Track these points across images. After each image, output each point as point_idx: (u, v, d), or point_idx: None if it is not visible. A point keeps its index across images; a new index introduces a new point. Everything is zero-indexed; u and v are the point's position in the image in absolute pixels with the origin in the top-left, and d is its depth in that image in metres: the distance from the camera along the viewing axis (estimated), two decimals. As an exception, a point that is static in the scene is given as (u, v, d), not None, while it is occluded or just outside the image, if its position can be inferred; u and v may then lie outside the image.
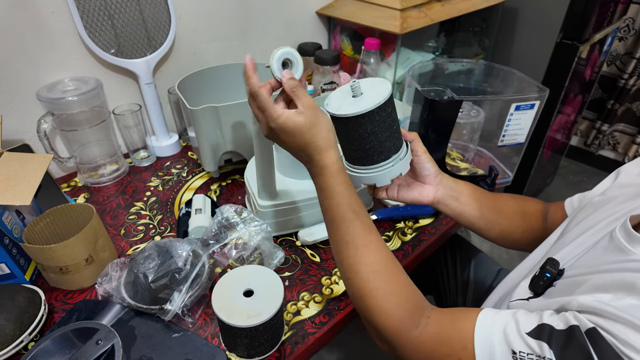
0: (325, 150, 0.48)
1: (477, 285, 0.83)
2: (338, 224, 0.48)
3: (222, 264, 0.66)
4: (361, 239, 0.47)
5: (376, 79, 0.54)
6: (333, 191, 0.48)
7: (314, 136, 0.48)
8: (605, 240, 0.38)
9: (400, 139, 0.55)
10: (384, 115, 0.50)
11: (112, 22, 0.83)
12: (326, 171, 0.48)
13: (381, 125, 0.50)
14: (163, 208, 0.82)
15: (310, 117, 0.48)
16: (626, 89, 1.91)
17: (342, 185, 0.48)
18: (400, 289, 0.46)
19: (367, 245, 0.47)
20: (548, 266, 0.41)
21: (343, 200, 0.48)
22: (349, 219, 0.48)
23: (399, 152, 0.54)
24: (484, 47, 1.45)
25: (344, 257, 0.48)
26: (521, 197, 0.66)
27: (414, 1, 1.08)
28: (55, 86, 0.80)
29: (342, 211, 0.48)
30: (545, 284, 0.40)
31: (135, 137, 0.92)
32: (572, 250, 0.43)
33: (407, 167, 0.55)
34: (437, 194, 0.59)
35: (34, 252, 0.60)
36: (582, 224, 0.46)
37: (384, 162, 0.53)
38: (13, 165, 0.62)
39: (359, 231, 0.47)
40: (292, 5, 1.15)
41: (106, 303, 0.61)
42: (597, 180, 0.52)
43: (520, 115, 0.79)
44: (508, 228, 0.63)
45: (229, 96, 0.92)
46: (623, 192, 0.46)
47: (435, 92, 0.80)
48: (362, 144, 0.52)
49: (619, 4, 1.49)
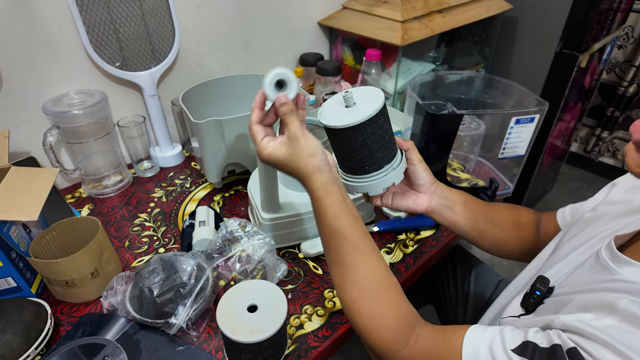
0: (309, 176, 0.49)
1: (478, 295, 0.84)
2: (329, 243, 0.50)
3: (225, 277, 0.67)
4: (349, 257, 0.48)
5: (370, 89, 0.54)
6: (322, 212, 0.49)
7: (296, 165, 0.50)
8: (592, 260, 0.39)
9: (394, 148, 0.55)
10: (375, 127, 0.50)
11: (117, 35, 0.84)
12: (313, 195, 0.50)
13: (372, 137, 0.51)
14: (167, 219, 0.83)
15: (292, 147, 0.50)
16: (625, 96, 1.92)
17: (330, 207, 0.49)
18: (390, 309, 0.46)
19: (355, 263, 0.48)
20: (538, 284, 0.42)
21: (332, 221, 0.49)
22: (338, 238, 0.49)
23: (392, 162, 0.54)
24: (484, 56, 1.47)
25: (334, 276, 0.49)
26: (515, 207, 0.67)
27: (414, 13, 1.09)
28: (61, 99, 0.81)
29: (332, 230, 0.49)
30: (535, 301, 0.41)
31: (139, 148, 0.93)
32: (562, 267, 0.44)
33: (400, 177, 0.56)
34: (431, 203, 0.60)
35: (41, 266, 0.61)
36: (573, 241, 0.47)
37: (376, 172, 0.54)
38: (20, 180, 0.63)
39: (346, 249, 0.48)
40: (294, 16, 1.16)
41: (111, 316, 0.62)
42: (596, 186, 0.54)
43: (520, 128, 0.80)
44: (502, 238, 0.63)
45: (232, 107, 0.93)
46: (611, 210, 0.47)
47: (436, 105, 0.81)
48: (353, 154, 0.53)
49: (618, 12, 1.50)
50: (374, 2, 1.14)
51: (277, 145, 0.51)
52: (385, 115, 0.52)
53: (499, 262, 1.70)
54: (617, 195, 0.49)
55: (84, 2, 0.78)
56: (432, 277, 0.93)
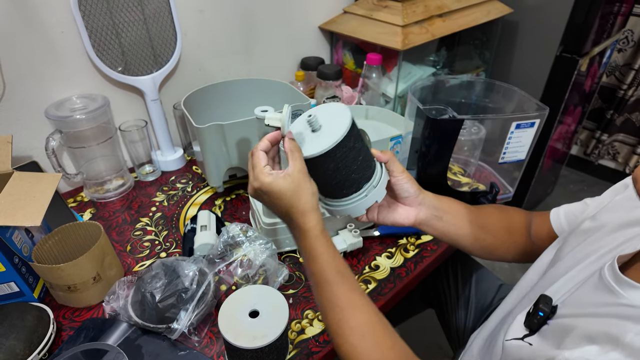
0: (307, 213, 0.48)
1: (479, 300, 0.84)
2: (322, 287, 0.48)
3: (227, 282, 0.67)
4: (346, 300, 0.47)
5: (336, 107, 0.51)
6: (316, 254, 0.48)
7: (297, 200, 0.48)
8: (595, 279, 0.38)
9: (371, 166, 0.52)
10: (345, 150, 0.48)
11: (119, 40, 0.84)
12: (308, 234, 0.48)
13: (344, 161, 0.49)
14: (168, 224, 0.83)
15: (296, 180, 0.48)
16: (625, 99, 1.93)
17: (324, 247, 0.48)
18: (385, 352, 0.45)
19: (352, 307, 0.47)
20: (541, 304, 0.41)
21: (326, 263, 0.48)
22: (333, 281, 0.48)
23: (372, 180, 0.52)
24: (485, 60, 1.47)
25: (330, 320, 0.48)
26: (505, 210, 0.66)
27: (415, 17, 1.10)
28: (63, 104, 0.82)
29: (326, 273, 0.48)
30: (539, 322, 0.41)
31: (140, 152, 0.93)
32: (564, 284, 0.43)
33: (382, 193, 0.54)
34: (419, 216, 0.58)
35: (43, 271, 0.61)
36: (574, 254, 0.46)
37: (355, 194, 0.52)
38: (23, 185, 0.63)
39: (342, 293, 0.47)
40: (295, 20, 1.16)
41: (113, 321, 0.62)
42: (597, 189, 0.52)
43: (520, 133, 0.80)
44: (493, 244, 0.62)
45: (233, 111, 0.94)
46: (612, 219, 0.46)
47: (437, 110, 0.82)
48: (328, 180, 0.51)
49: (618, 16, 1.51)
50: (375, 6, 1.14)
51: (280, 175, 0.48)
52: (356, 135, 0.50)
53: (500, 266, 1.70)
54: (618, 202, 0.48)
55: (86, 8, 0.78)
56: (433, 281, 0.93)
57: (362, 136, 0.51)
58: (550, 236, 0.60)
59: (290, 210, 0.49)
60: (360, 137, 0.51)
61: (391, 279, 0.71)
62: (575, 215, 0.57)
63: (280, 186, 0.48)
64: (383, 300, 0.68)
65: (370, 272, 0.73)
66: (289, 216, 0.50)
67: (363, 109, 1.14)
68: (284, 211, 0.50)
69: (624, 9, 1.52)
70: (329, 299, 0.48)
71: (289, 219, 0.50)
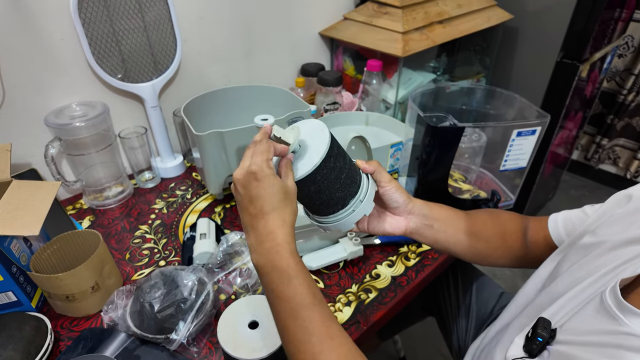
0: (286, 226, 0.44)
1: (480, 309, 0.83)
2: (297, 313, 0.42)
3: (226, 292, 0.66)
4: (325, 330, 0.42)
5: (312, 125, 0.50)
6: (291, 274, 0.43)
7: (284, 206, 0.44)
8: (596, 303, 0.37)
9: (356, 180, 0.51)
10: (326, 171, 0.47)
11: (119, 48, 0.84)
12: (283, 248, 0.43)
13: (326, 182, 0.48)
14: (167, 231, 0.82)
15: (290, 191, 0.46)
16: (625, 104, 1.93)
17: (300, 265, 0.44)
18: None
19: (331, 337, 0.42)
20: (539, 329, 0.40)
21: (303, 285, 0.43)
22: (310, 306, 0.42)
23: (358, 195, 0.51)
24: (485, 66, 1.47)
25: (304, 355, 0.41)
26: (498, 215, 0.64)
27: (415, 24, 1.10)
28: (63, 111, 0.81)
29: (303, 296, 0.42)
30: (538, 347, 0.40)
31: (140, 159, 0.93)
32: (563, 305, 0.42)
33: (370, 206, 0.52)
34: (409, 225, 0.57)
35: (41, 281, 0.60)
36: (573, 271, 0.45)
37: (342, 211, 0.51)
38: (22, 194, 0.63)
39: (321, 320, 0.42)
40: (295, 27, 1.16)
41: (112, 331, 0.61)
42: (598, 194, 0.51)
43: (521, 140, 0.80)
44: (486, 250, 0.61)
45: (233, 118, 0.94)
46: (612, 235, 0.45)
47: (437, 117, 0.81)
48: (312, 201, 0.50)
49: (618, 22, 1.51)
50: (375, 13, 1.14)
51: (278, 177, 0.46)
52: (336, 154, 0.48)
53: (501, 272, 1.69)
54: (620, 218, 0.47)
55: (87, 16, 0.78)
56: (433, 289, 0.92)
57: (343, 153, 0.50)
58: (547, 242, 0.59)
59: (272, 213, 0.44)
60: (342, 154, 0.50)
61: (392, 288, 0.71)
62: (574, 224, 0.56)
63: (276, 184, 0.44)
64: (384, 309, 0.67)
65: (371, 280, 0.72)
66: (265, 220, 0.44)
67: (363, 115, 1.14)
68: (265, 210, 0.44)
69: (624, 14, 1.52)
70: (305, 328, 0.42)
71: (264, 224, 0.44)
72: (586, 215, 0.54)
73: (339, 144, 0.50)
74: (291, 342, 0.42)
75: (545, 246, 0.59)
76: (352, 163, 0.51)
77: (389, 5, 1.12)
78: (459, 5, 1.22)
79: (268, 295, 0.45)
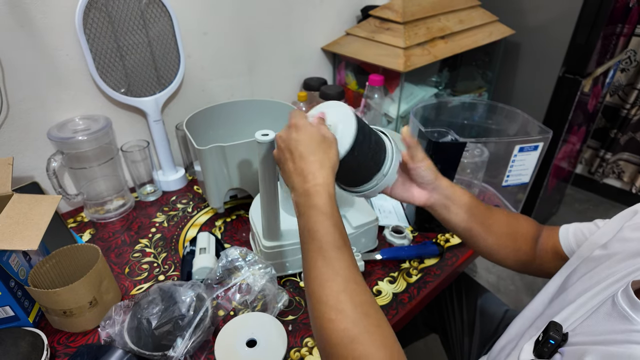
0: (326, 168, 0.49)
1: (484, 326, 0.82)
2: (328, 251, 0.44)
3: (225, 308, 0.66)
4: (351, 272, 0.44)
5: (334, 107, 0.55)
6: (328, 212, 0.46)
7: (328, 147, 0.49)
8: (608, 306, 0.37)
9: (381, 157, 0.56)
10: (363, 148, 0.52)
11: (123, 62, 0.85)
12: (321, 189, 0.47)
13: (361, 157, 0.53)
14: (167, 245, 0.82)
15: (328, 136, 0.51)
16: (629, 118, 1.92)
17: (335, 208, 0.47)
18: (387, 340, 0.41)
19: (356, 282, 0.43)
20: (551, 332, 0.39)
21: (337, 225, 0.45)
22: (343, 247, 0.45)
23: (382, 169, 0.56)
24: (487, 80, 1.47)
25: (329, 290, 0.42)
26: (517, 217, 0.65)
27: (417, 39, 1.11)
28: (66, 125, 0.82)
29: (335, 237, 0.45)
30: (550, 350, 0.39)
31: (142, 172, 0.93)
32: (574, 311, 0.42)
33: (393, 178, 0.57)
34: (429, 200, 0.60)
35: (39, 296, 0.60)
36: (584, 281, 0.45)
37: (367, 183, 0.57)
38: (22, 207, 0.63)
39: (350, 263, 0.44)
40: (298, 42, 1.17)
41: (109, 348, 0.60)
42: (602, 209, 0.52)
43: (524, 156, 0.79)
44: (494, 246, 0.62)
45: (236, 132, 0.94)
46: (624, 248, 0.45)
47: (439, 132, 0.81)
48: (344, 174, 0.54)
49: (620, 37, 1.51)
50: (377, 28, 1.15)
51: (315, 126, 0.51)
52: (364, 129, 0.53)
53: (505, 287, 1.67)
54: (631, 232, 0.47)
55: (91, 31, 0.79)
56: (437, 306, 0.91)
57: (368, 128, 0.55)
58: (555, 251, 0.59)
59: (311, 156, 0.48)
60: (365, 129, 0.54)
61: (394, 305, 0.70)
62: (585, 234, 0.56)
63: (314, 130, 0.50)
64: (385, 327, 0.66)
65: (371, 297, 0.71)
66: (306, 162, 0.48)
67: (365, 129, 1.14)
68: (305, 154, 0.48)
69: (627, 30, 1.53)
70: (332, 267, 0.43)
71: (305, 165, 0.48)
72: (597, 227, 0.55)
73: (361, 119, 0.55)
74: (316, 280, 0.44)
75: (552, 254, 0.60)
76: (377, 139, 0.56)
77: (390, 21, 1.13)
78: (460, 21, 1.23)
79: (302, 236, 0.47)
